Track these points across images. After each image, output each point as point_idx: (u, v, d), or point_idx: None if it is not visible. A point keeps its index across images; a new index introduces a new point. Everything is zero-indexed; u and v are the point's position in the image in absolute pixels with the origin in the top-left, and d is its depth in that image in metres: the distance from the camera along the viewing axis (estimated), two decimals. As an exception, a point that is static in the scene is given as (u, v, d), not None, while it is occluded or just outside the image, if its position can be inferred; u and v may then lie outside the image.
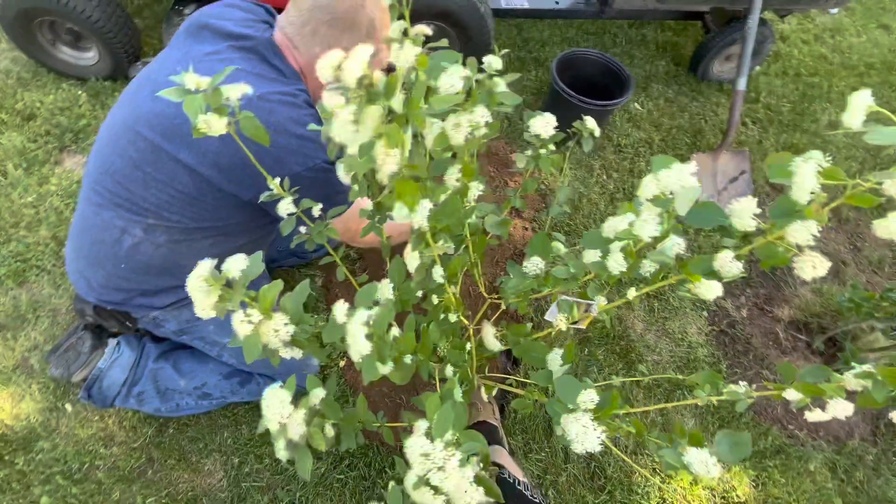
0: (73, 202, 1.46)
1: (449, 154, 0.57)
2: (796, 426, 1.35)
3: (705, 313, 1.53)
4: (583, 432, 0.51)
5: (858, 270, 1.66)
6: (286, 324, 0.49)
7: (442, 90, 0.40)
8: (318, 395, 0.64)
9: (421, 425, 0.44)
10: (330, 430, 0.68)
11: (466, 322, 1.00)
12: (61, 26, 1.59)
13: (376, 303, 0.59)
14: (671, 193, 0.51)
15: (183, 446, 1.17)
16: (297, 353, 0.56)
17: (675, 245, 0.57)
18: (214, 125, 0.46)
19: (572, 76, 1.72)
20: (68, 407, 1.18)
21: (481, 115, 0.49)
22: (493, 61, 0.80)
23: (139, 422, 1.18)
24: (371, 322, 0.51)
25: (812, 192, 0.45)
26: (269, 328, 0.47)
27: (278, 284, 0.50)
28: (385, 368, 0.54)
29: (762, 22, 1.83)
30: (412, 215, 0.53)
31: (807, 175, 0.45)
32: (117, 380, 1.08)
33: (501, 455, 1.08)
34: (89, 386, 1.08)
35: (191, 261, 1.04)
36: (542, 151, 0.92)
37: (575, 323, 0.93)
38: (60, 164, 1.54)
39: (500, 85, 0.75)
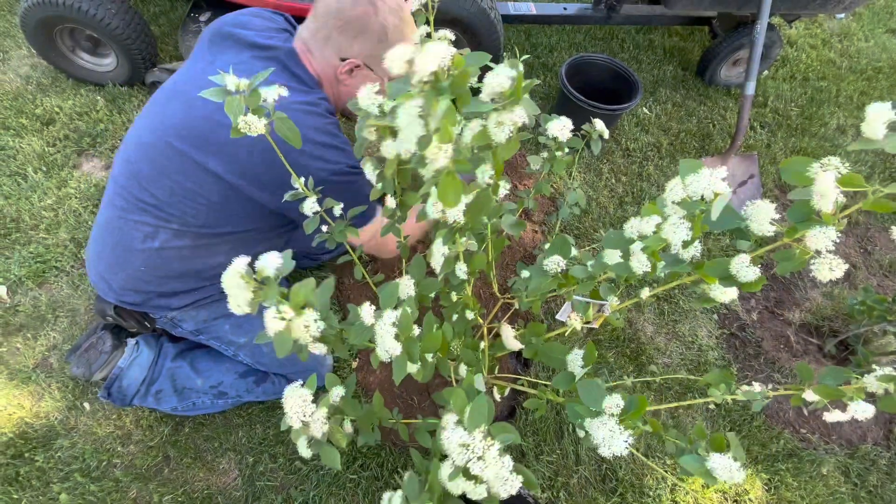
0: (91, 205, 1.48)
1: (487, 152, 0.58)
2: (808, 430, 1.35)
3: (715, 316, 1.53)
4: (609, 436, 0.51)
5: (869, 274, 1.66)
6: (316, 320, 0.50)
7: (489, 89, 0.41)
8: (338, 392, 0.66)
9: (450, 418, 0.45)
10: (349, 426, 0.70)
11: (481, 321, 1.01)
12: (81, 33, 1.63)
13: (398, 302, 0.60)
14: (698, 197, 0.51)
15: (198, 445, 1.19)
16: (321, 349, 0.58)
17: (693, 248, 0.58)
18: (254, 125, 0.48)
19: (581, 81, 1.73)
20: (87, 405, 1.20)
21: (520, 115, 0.50)
22: (501, 69, 0.82)
23: (156, 420, 1.20)
24: (398, 323, 0.53)
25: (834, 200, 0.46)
26: (300, 324, 0.49)
27: (310, 282, 0.51)
28: (413, 367, 0.55)
29: (770, 27, 1.84)
30: (451, 209, 0.55)
31: (828, 183, 0.45)
32: (136, 378, 1.10)
33: None
34: (109, 384, 1.10)
35: (208, 265, 1.07)
36: (558, 154, 0.93)
37: (588, 322, 0.94)
38: (79, 168, 1.57)
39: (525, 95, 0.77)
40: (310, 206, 0.71)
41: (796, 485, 1.26)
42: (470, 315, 0.89)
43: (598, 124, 0.99)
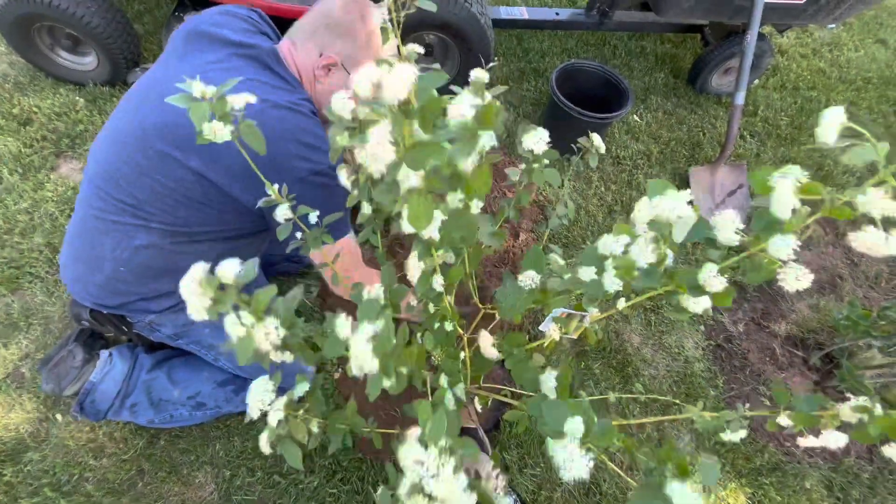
0: (68, 208, 1.45)
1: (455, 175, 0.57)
2: (792, 443, 1.35)
3: (702, 328, 1.53)
4: (569, 459, 0.50)
5: (855, 285, 1.66)
6: (277, 327, 0.49)
7: (451, 117, 0.40)
8: (302, 388, 0.64)
9: (414, 433, 0.44)
10: (315, 427, 0.68)
11: (461, 331, 1.00)
12: (60, 31, 1.59)
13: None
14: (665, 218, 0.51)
15: (174, 458, 1.16)
16: (288, 357, 0.56)
17: (666, 261, 0.57)
18: (219, 132, 0.46)
19: (572, 87, 1.72)
20: (59, 417, 1.16)
21: (488, 140, 0.49)
22: (479, 75, 0.80)
23: (130, 433, 1.16)
24: (375, 338, 0.51)
25: (793, 208, 0.45)
26: (261, 332, 0.48)
27: (272, 289, 0.51)
28: (388, 382, 0.54)
29: (761, 36, 1.84)
30: (423, 230, 0.53)
31: (785, 191, 0.45)
32: (109, 393, 1.07)
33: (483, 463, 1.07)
34: (81, 400, 1.06)
35: (189, 266, 1.03)
36: (535, 166, 0.92)
37: (566, 333, 0.93)
38: (56, 170, 1.53)
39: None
40: (282, 212, 0.69)
41: (780, 499, 1.26)
42: (449, 327, 0.87)
43: (596, 139, 0.98)
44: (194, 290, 0.48)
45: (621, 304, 0.88)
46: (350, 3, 0.94)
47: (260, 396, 0.57)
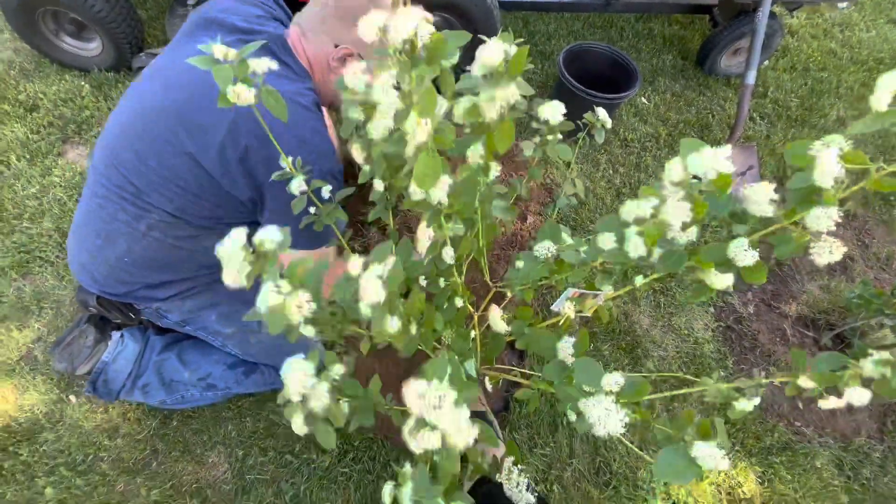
0: (75, 194, 1.45)
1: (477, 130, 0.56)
2: (803, 423, 1.35)
3: (712, 309, 1.52)
4: (605, 415, 0.50)
5: (867, 267, 1.65)
6: (308, 301, 0.49)
7: (481, 62, 0.39)
8: (338, 370, 0.64)
9: (419, 383, 0.44)
10: (345, 406, 0.68)
11: (471, 309, 0.99)
12: (64, 16, 1.58)
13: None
14: (698, 179, 0.49)
15: (187, 438, 1.17)
16: (310, 332, 0.56)
17: (691, 234, 0.56)
18: (243, 95, 0.46)
19: (579, 69, 1.70)
20: (72, 398, 1.17)
21: (514, 92, 0.48)
22: (493, 43, 0.79)
23: (143, 414, 1.17)
24: (385, 276, 0.50)
25: (835, 178, 0.44)
26: (294, 303, 0.47)
27: (308, 260, 0.51)
28: (394, 325, 0.53)
29: (772, 15, 1.81)
30: (431, 190, 0.52)
31: (829, 159, 0.44)
32: (122, 372, 1.08)
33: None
34: (94, 379, 1.07)
35: (193, 255, 1.03)
36: (550, 138, 0.90)
37: (580, 312, 0.92)
38: (63, 156, 1.53)
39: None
40: (297, 185, 0.69)
41: (790, 478, 1.26)
42: (459, 302, 0.87)
43: (601, 113, 0.96)
44: (235, 254, 0.47)
45: (639, 281, 0.87)
46: None
47: (301, 380, 0.53)
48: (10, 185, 1.44)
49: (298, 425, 0.56)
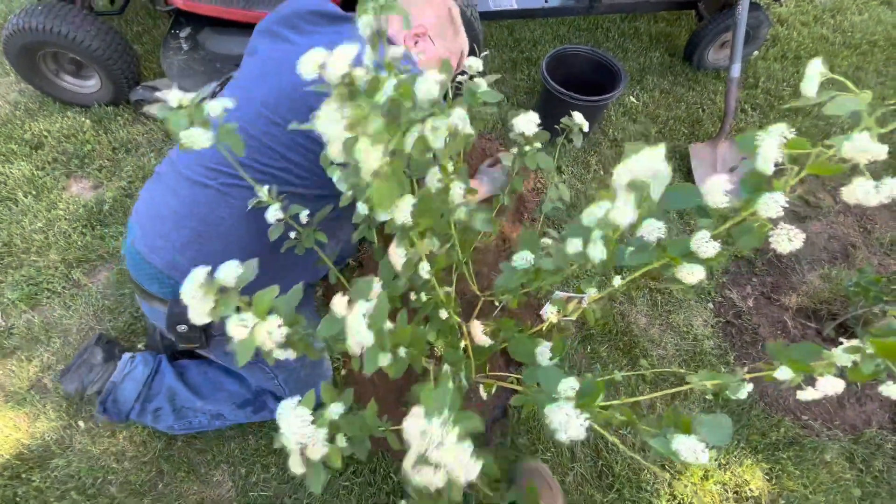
0: (79, 225, 1.50)
1: (430, 156, 0.58)
2: (810, 416, 1.32)
3: (710, 305, 1.50)
4: (566, 420, 0.51)
5: (870, 253, 1.62)
6: (280, 325, 0.50)
7: (419, 97, 0.41)
8: (336, 410, 0.65)
9: (417, 410, 0.45)
10: (342, 441, 0.69)
11: (459, 320, 1.00)
12: (64, 57, 1.65)
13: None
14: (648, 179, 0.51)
15: (191, 458, 1.19)
16: (291, 354, 0.58)
17: (656, 229, 0.57)
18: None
19: (564, 73, 1.71)
20: (81, 424, 1.21)
21: (458, 118, 0.50)
22: (473, 63, 0.81)
23: (149, 436, 1.20)
24: (370, 314, 0.52)
25: (777, 163, 0.46)
26: (264, 330, 0.49)
27: (274, 290, 0.52)
28: (384, 359, 0.54)
29: (755, 6, 1.81)
30: (390, 214, 0.54)
31: (770, 146, 0.46)
32: (130, 394, 1.11)
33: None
34: (104, 399, 1.11)
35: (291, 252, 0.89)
36: (528, 149, 0.92)
37: (566, 316, 0.93)
38: (67, 190, 1.59)
39: (482, 85, 0.76)
40: (273, 213, 0.71)
41: (798, 473, 1.23)
42: (444, 314, 0.88)
43: (577, 117, 0.98)
44: (195, 293, 0.48)
45: (616, 281, 0.88)
46: None
47: (298, 429, 0.53)
48: (17, 220, 1.50)
49: (295, 466, 0.57)
